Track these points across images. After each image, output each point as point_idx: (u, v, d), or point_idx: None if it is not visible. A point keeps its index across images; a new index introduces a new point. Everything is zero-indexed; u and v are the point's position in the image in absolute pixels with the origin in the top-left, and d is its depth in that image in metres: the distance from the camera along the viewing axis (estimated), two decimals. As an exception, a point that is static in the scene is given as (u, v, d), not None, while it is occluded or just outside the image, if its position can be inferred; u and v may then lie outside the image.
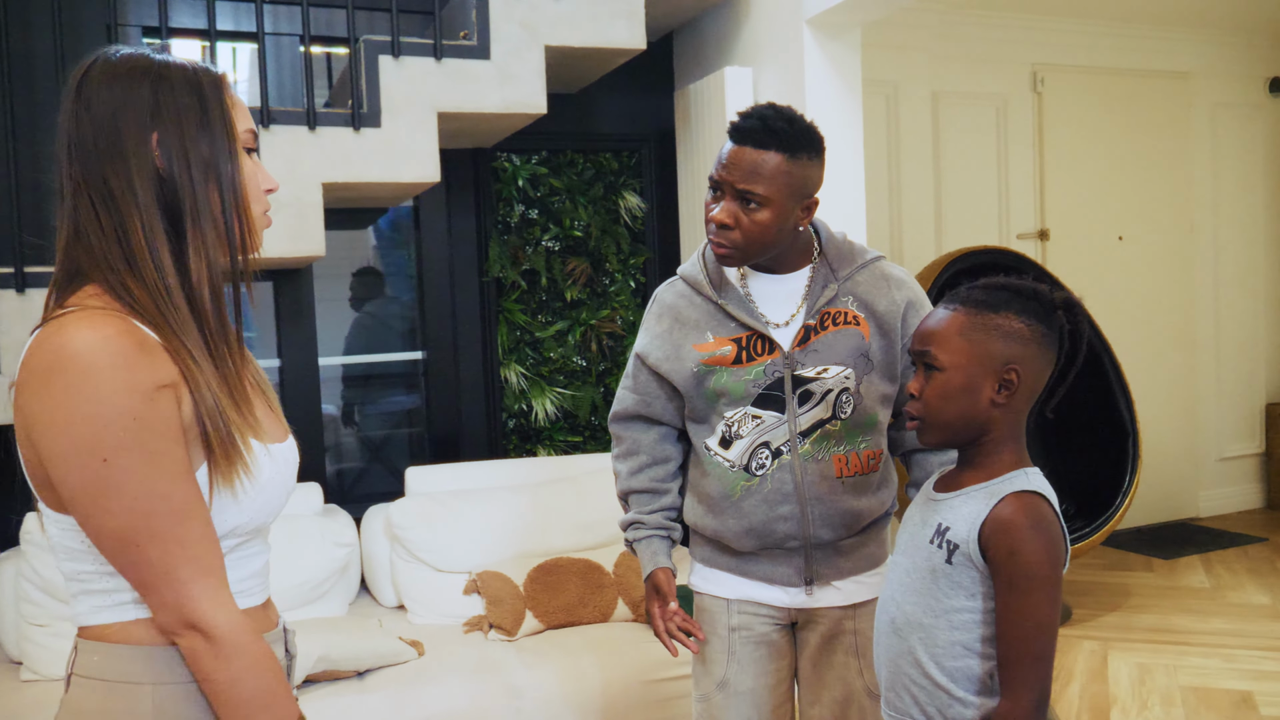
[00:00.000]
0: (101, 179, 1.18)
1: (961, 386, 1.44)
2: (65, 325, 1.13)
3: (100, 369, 1.10)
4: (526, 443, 4.11)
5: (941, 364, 1.45)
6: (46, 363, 1.11)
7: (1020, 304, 1.46)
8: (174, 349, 1.17)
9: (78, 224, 1.19)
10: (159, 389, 1.14)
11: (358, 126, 3.07)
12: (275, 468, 1.27)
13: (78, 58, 1.31)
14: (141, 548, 1.12)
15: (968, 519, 1.42)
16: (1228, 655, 3.76)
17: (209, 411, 1.18)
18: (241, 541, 1.26)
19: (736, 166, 1.75)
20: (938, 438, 1.49)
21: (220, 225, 1.23)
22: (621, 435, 2.03)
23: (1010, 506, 1.39)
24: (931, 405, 1.47)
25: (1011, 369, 1.43)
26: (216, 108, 1.24)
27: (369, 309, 4.29)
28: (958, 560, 1.42)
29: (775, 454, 1.85)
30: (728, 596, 1.94)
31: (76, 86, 1.21)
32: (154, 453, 1.12)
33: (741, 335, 1.86)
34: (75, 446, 1.10)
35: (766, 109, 1.78)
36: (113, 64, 1.21)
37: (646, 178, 4.24)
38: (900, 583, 1.52)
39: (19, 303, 2.80)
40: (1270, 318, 6.05)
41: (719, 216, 1.77)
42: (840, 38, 3.45)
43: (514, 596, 3.14)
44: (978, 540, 1.40)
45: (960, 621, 1.43)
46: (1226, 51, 5.78)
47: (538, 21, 3.28)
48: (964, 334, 1.45)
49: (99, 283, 1.19)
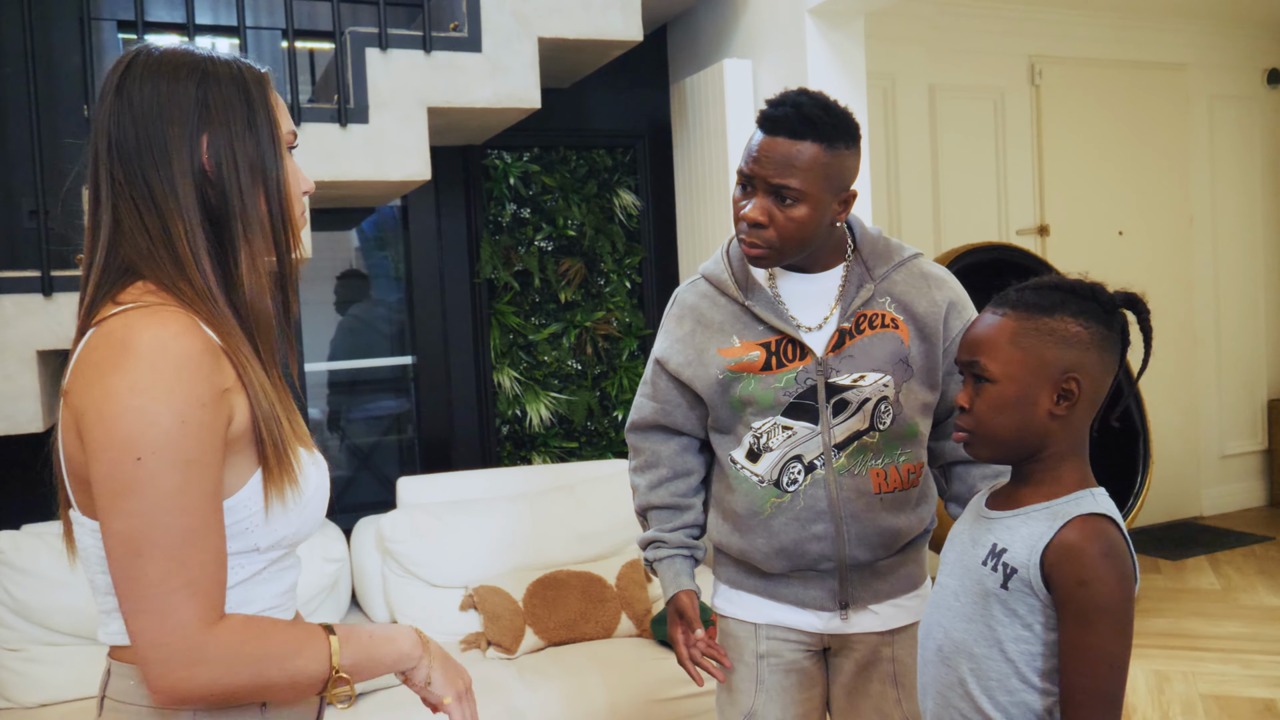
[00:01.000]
0: (143, 180, 1.15)
1: (1015, 398, 1.31)
2: (131, 320, 1.11)
3: (162, 366, 1.07)
4: (520, 449, 3.97)
5: (992, 374, 1.32)
6: (110, 353, 1.09)
7: (1077, 304, 1.32)
8: (232, 350, 1.15)
9: (120, 223, 1.17)
10: (218, 395, 1.11)
11: (344, 122, 2.93)
12: (320, 477, 1.25)
13: (49, 51, 1.20)
14: (142, 559, 1.07)
15: (1028, 541, 1.29)
16: (1246, 661, 3.66)
17: (265, 418, 1.16)
18: (283, 555, 1.23)
19: (769, 159, 1.62)
20: (990, 453, 1.36)
21: (267, 228, 1.21)
22: (640, 446, 1.89)
23: (1078, 531, 1.26)
24: (983, 419, 1.33)
25: (1070, 378, 1.30)
26: (262, 107, 1.21)
27: (354, 312, 4.15)
28: (1015, 585, 1.29)
29: (808, 468, 1.71)
30: (755, 621, 1.80)
31: (117, 84, 1.17)
32: (189, 462, 1.08)
33: (770, 339, 1.73)
34: (115, 439, 1.06)
35: (800, 95, 1.65)
36: (156, 60, 1.18)
37: (641, 175, 4.11)
38: (948, 606, 1.39)
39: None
40: (1270, 311, 5.97)
41: (751, 214, 1.64)
42: (843, 27, 3.33)
43: (513, 612, 3.01)
44: (1040, 566, 1.27)
45: (1016, 652, 1.30)
46: (1223, 43, 5.70)
47: (530, 12, 3.15)
48: (1016, 341, 1.31)
49: (151, 279, 1.16)
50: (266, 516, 1.17)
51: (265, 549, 1.19)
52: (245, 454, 1.15)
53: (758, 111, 1.67)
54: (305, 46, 3.80)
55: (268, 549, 1.20)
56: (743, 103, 3.55)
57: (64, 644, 2.81)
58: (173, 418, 1.07)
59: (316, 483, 1.24)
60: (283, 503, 1.17)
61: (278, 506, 1.17)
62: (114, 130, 1.16)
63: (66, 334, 2.70)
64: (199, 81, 1.17)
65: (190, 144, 1.16)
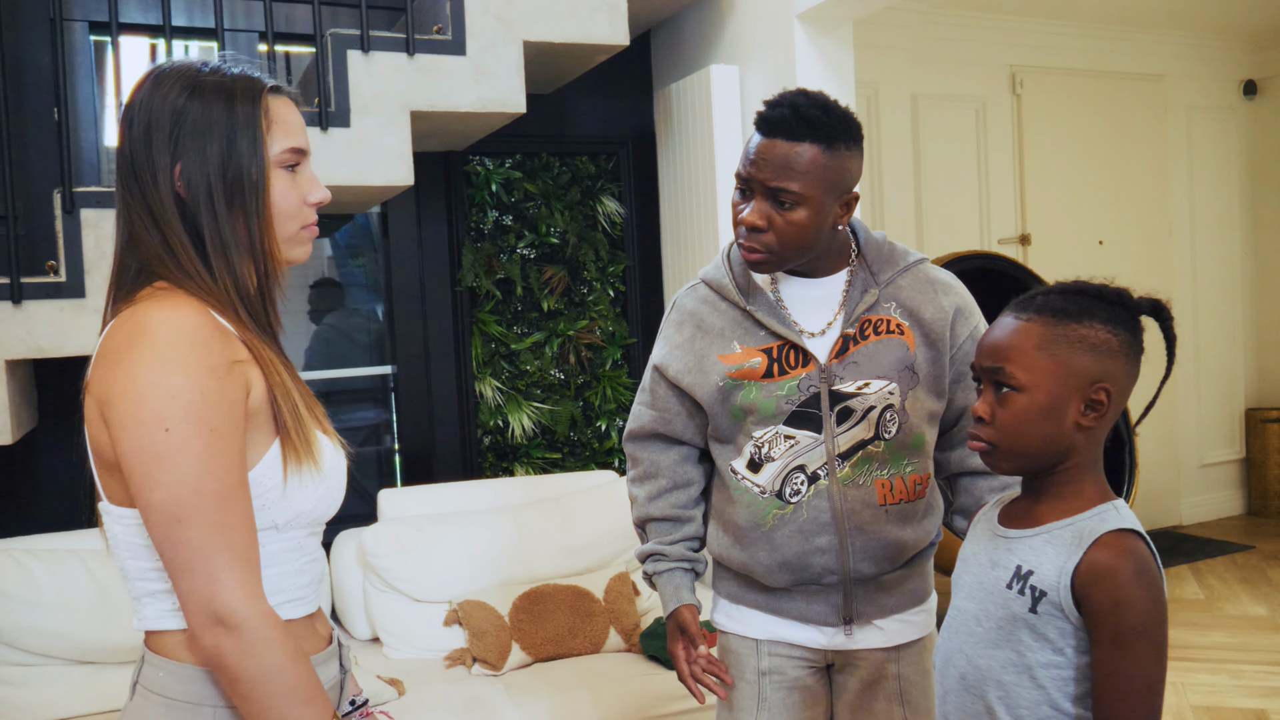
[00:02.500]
0: (143, 196, 1.22)
1: (1045, 408, 1.25)
2: (143, 306, 1.17)
3: (176, 342, 1.13)
4: (503, 460, 3.91)
5: (1020, 383, 1.26)
6: (126, 338, 1.15)
7: (1105, 311, 1.27)
8: (244, 334, 1.22)
9: (133, 231, 1.23)
10: (232, 365, 1.17)
11: (325, 126, 2.86)
12: (337, 459, 1.29)
13: (17, 52, 1.20)
14: (184, 525, 1.12)
15: (1055, 562, 1.23)
16: (1235, 671, 3.64)
17: (281, 389, 1.21)
18: (306, 535, 1.27)
19: (767, 162, 1.57)
20: (1013, 466, 1.31)
21: (245, 248, 1.24)
22: (638, 456, 1.83)
23: (1110, 551, 1.20)
24: (1008, 430, 1.27)
25: (1101, 388, 1.25)
26: (248, 125, 1.22)
27: (330, 321, 4.07)
28: (1045, 609, 1.23)
29: (811, 479, 1.66)
30: (757, 637, 1.74)
31: (129, 101, 1.24)
32: (214, 430, 1.13)
33: (772, 345, 1.67)
34: (141, 414, 1.12)
35: (797, 95, 1.60)
36: (156, 78, 1.23)
37: (625, 182, 4.06)
38: (970, 632, 1.32)
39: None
40: (1248, 321, 5.99)
41: (750, 218, 1.59)
42: (832, 33, 3.30)
43: (498, 627, 2.94)
44: (1070, 588, 1.21)
45: (1047, 678, 1.24)
46: (1201, 54, 5.73)
47: (515, 16, 3.09)
48: (1044, 347, 1.25)
49: (166, 278, 1.22)
50: (284, 490, 1.21)
51: (284, 526, 1.23)
52: (264, 427, 1.20)
53: (756, 113, 1.62)
54: (281, 50, 3.72)
55: (286, 526, 1.23)
56: (729, 108, 3.51)
57: (34, 664, 2.72)
58: (193, 389, 1.12)
59: (333, 462, 1.27)
60: (300, 474, 1.21)
61: (295, 478, 1.21)
62: (122, 146, 1.23)
63: (37, 343, 2.62)
64: (186, 100, 1.20)
65: (169, 168, 1.20)
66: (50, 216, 3.16)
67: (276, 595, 1.22)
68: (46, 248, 3.15)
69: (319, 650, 1.29)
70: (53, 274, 2.70)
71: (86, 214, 2.65)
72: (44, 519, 3.15)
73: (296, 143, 1.26)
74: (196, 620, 1.13)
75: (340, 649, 1.35)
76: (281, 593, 1.24)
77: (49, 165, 3.18)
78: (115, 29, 2.79)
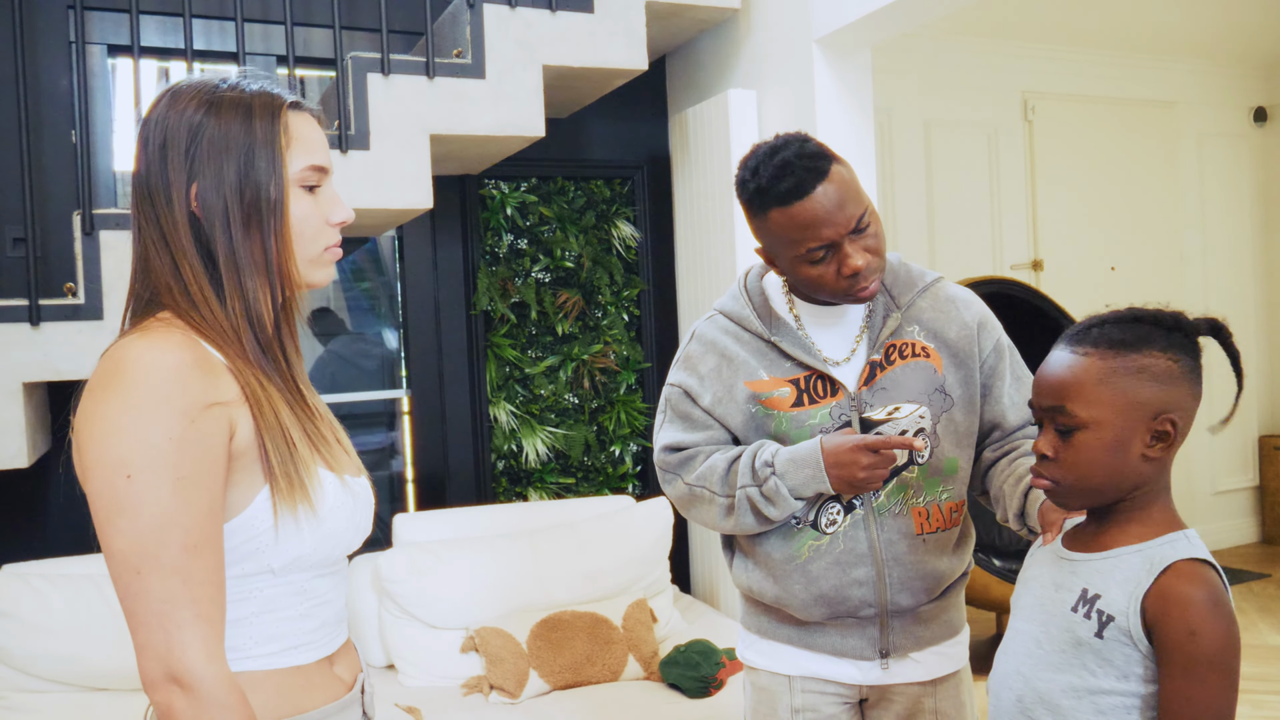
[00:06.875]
0: (156, 219, 1.18)
1: (1110, 444, 1.22)
2: (129, 341, 1.12)
3: (148, 384, 1.07)
4: (516, 485, 3.88)
5: (1083, 420, 1.23)
6: (103, 373, 1.10)
7: (1164, 338, 1.25)
8: (238, 370, 1.16)
9: (146, 256, 1.19)
10: (208, 408, 1.10)
11: (345, 149, 2.86)
12: (342, 497, 1.22)
13: (38, 76, 1.19)
14: (144, 576, 1.06)
15: (1124, 587, 1.21)
16: (1256, 702, 3.60)
17: (270, 431, 1.15)
18: (311, 577, 1.20)
19: (836, 205, 1.54)
20: (1080, 503, 1.29)
21: (261, 269, 1.19)
22: (671, 459, 1.71)
23: (1183, 578, 1.18)
24: (1073, 469, 1.25)
25: (1167, 419, 1.23)
26: (266, 143, 1.18)
27: (332, 348, 4.05)
28: (1111, 634, 1.21)
29: (847, 508, 1.64)
30: (789, 673, 1.71)
31: (144, 120, 1.20)
32: (182, 479, 1.07)
33: (799, 376, 1.65)
34: (106, 457, 1.06)
35: (790, 156, 1.55)
36: (172, 95, 1.20)
37: (640, 206, 4.05)
38: (1029, 654, 1.30)
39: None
40: (1260, 348, 5.97)
41: (857, 264, 1.56)
42: (850, 58, 3.30)
43: (516, 655, 2.90)
44: (1140, 614, 1.19)
45: (1109, 705, 1.22)
46: (1211, 81, 5.73)
47: (535, 40, 3.10)
48: (1105, 381, 1.23)
49: (171, 309, 1.18)
50: (277, 534, 1.15)
51: (279, 570, 1.17)
52: (251, 469, 1.14)
53: (780, 187, 1.55)
54: (299, 74, 3.73)
55: (283, 570, 1.17)
56: (747, 133, 3.51)
57: (46, 691, 2.69)
58: (162, 434, 1.06)
59: (335, 501, 1.20)
60: (294, 518, 1.15)
61: (289, 522, 1.15)
62: (137, 166, 1.19)
63: (54, 365, 2.60)
64: (203, 116, 1.17)
65: (185, 187, 1.17)
66: (68, 238, 3.16)
67: (277, 642, 1.18)
68: (63, 270, 3.15)
69: (333, 700, 1.22)
70: (71, 296, 2.69)
71: (105, 236, 2.64)
72: (58, 543, 3.13)
73: (317, 160, 1.21)
74: (150, 676, 1.06)
75: (363, 696, 1.28)
76: (283, 639, 1.18)
77: (66, 188, 3.18)
78: (137, 51, 2.79)
